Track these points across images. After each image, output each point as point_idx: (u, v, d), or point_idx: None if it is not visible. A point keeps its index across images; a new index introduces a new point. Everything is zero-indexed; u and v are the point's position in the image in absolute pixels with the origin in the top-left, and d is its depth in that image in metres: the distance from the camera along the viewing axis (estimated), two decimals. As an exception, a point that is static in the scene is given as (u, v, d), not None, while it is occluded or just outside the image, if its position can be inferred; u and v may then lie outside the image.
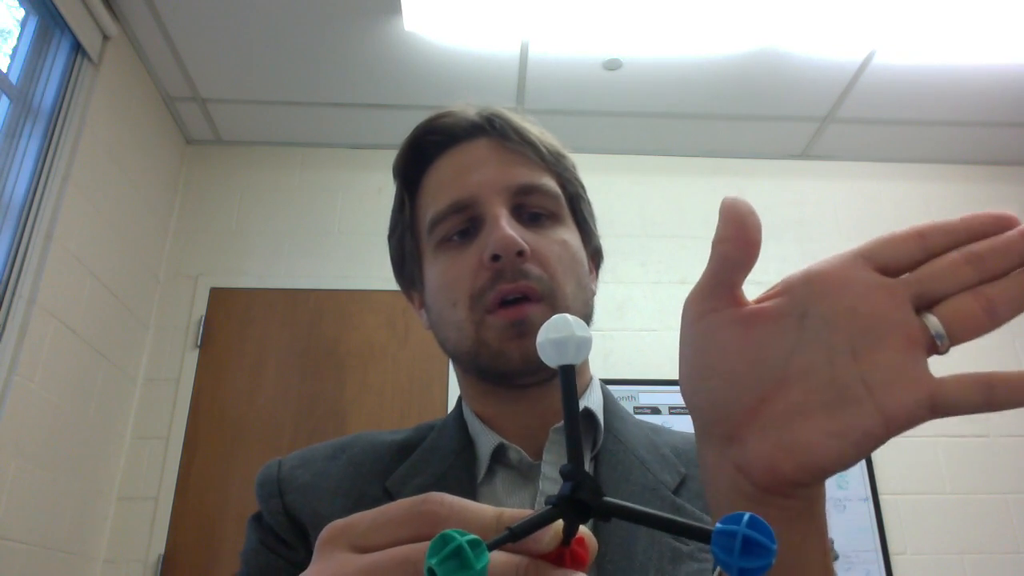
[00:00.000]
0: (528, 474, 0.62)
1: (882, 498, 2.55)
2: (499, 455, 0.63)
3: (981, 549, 2.51)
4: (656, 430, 0.70)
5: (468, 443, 0.65)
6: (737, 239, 0.34)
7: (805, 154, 3.07)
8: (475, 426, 0.65)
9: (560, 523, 0.27)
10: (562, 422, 0.48)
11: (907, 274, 0.34)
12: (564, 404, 0.28)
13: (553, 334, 0.29)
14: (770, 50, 2.50)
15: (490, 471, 0.62)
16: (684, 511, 0.58)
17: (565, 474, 0.27)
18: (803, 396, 0.34)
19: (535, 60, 2.54)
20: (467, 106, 0.69)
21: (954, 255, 0.33)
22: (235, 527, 2.39)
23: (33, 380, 1.97)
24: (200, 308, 2.68)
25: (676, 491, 0.60)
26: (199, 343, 2.63)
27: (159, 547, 2.35)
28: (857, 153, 3.07)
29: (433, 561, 0.23)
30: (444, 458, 0.64)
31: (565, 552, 0.28)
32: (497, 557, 0.26)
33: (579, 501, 0.27)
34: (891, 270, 0.34)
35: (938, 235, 0.34)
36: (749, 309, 0.36)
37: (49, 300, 2.03)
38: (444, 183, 0.66)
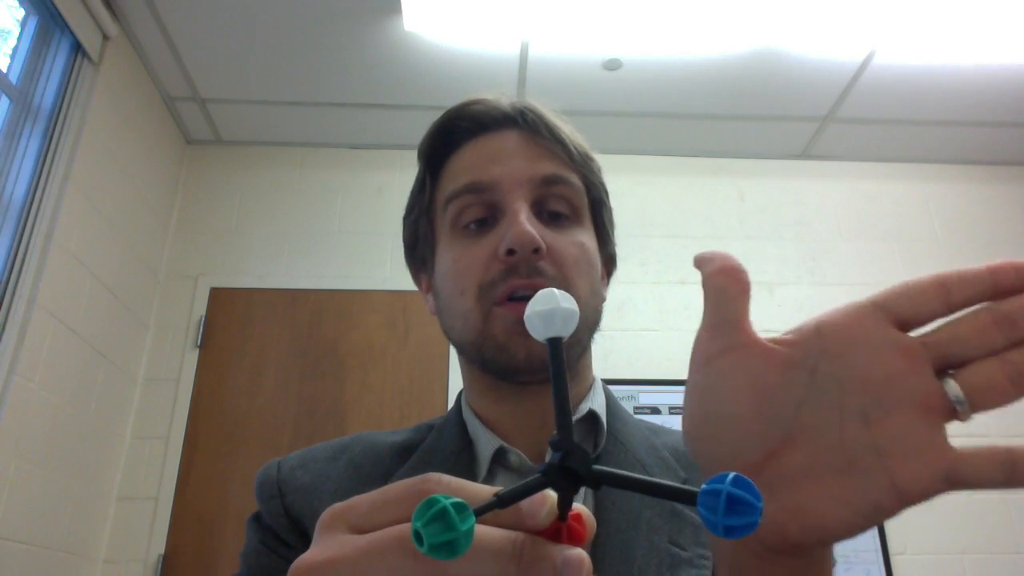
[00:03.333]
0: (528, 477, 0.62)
1: (882, 498, 2.54)
2: (499, 457, 0.63)
3: (981, 549, 2.51)
4: (655, 430, 0.70)
5: (467, 444, 0.65)
6: (723, 268, 0.35)
7: (805, 154, 3.07)
8: (475, 427, 0.65)
9: (555, 498, 0.27)
10: None
11: (929, 332, 0.32)
12: (552, 377, 0.28)
13: (540, 306, 0.29)
14: (770, 50, 2.50)
15: (490, 473, 0.62)
16: (683, 516, 0.58)
17: (554, 444, 0.27)
18: (811, 457, 0.32)
19: (535, 60, 2.54)
20: (500, 95, 0.68)
21: (983, 316, 0.31)
22: (235, 527, 2.39)
23: (33, 380, 1.97)
24: (200, 308, 2.68)
25: None
26: (199, 343, 2.63)
27: (159, 547, 2.35)
28: (857, 153, 3.06)
29: (418, 524, 0.23)
30: (444, 459, 0.64)
31: (562, 527, 0.27)
32: (494, 533, 0.26)
33: (568, 469, 0.27)
34: (910, 324, 0.32)
35: (962, 286, 0.31)
36: (760, 349, 0.34)
37: (49, 300, 2.03)
38: (467, 167, 0.65)
